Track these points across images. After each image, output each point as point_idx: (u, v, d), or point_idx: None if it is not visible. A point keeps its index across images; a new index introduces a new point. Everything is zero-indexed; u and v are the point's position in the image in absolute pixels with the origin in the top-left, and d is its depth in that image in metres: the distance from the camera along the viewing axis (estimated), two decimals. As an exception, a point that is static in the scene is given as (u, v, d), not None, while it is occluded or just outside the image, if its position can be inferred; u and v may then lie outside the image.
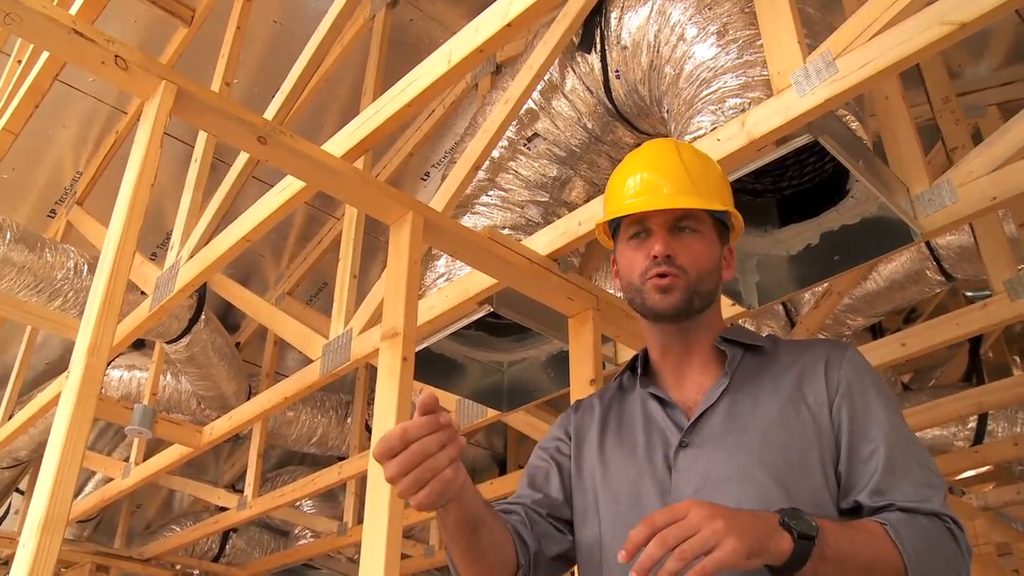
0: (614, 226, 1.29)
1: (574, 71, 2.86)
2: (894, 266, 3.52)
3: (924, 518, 1.02)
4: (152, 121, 1.90)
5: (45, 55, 2.88)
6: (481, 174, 3.07)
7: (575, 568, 1.23)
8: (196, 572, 6.51)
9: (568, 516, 1.22)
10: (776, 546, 0.92)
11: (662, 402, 1.20)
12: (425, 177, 4.78)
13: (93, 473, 5.73)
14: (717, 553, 0.87)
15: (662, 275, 1.17)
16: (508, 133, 3.02)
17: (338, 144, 2.40)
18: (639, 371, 1.27)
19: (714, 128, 2.10)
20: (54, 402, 3.72)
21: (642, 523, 0.91)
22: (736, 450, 1.09)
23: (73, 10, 2.69)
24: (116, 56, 1.86)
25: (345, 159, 2.34)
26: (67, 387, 1.66)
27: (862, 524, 1.02)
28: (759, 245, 2.46)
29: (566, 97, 2.91)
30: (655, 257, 1.17)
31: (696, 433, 1.13)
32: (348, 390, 5.51)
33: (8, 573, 1.47)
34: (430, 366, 3.09)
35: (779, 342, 1.24)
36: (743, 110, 2.09)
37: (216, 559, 6.33)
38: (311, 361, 3.21)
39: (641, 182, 1.23)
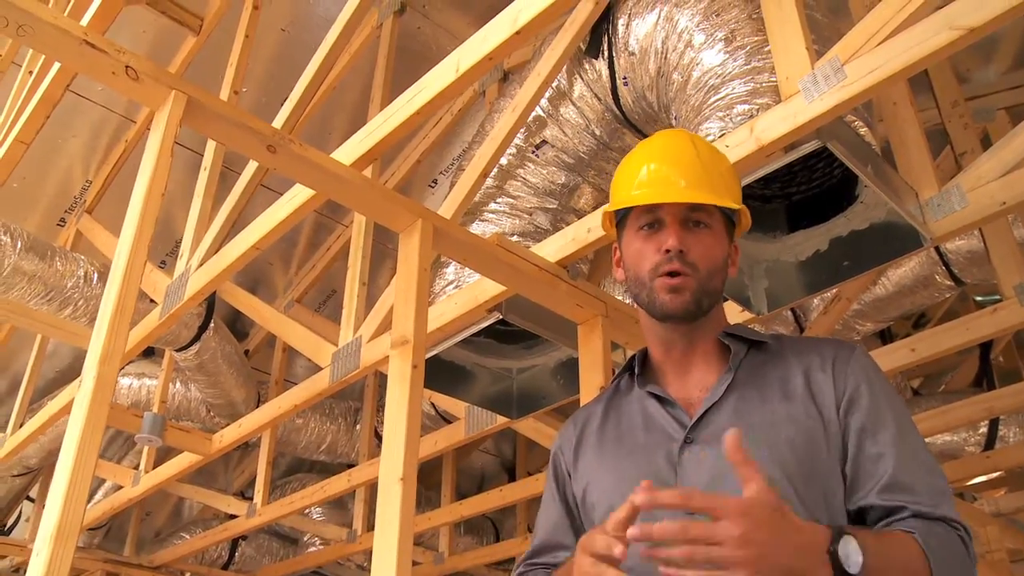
0: (621, 215, 1.26)
1: (582, 78, 2.86)
2: (903, 271, 3.50)
3: (938, 524, 1.01)
4: (163, 130, 1.91)
5: (57, 66, 2.90)
6: (489, 181, 3.07)
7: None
8: (205, 580, 6.52)
9: None
10: None
11: (662, 400, 1.18)
12: (433, 184, 4.78)
13: (103, 481, 5.74)
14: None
15: (673, 273, 1.15)
16: (516, 140, 3.02)
17: (347, 152, 2.41)
18: (637, 371, 1.25)
19: (722, 134, 2.10)
20: (64, 410, 3.73)
21: (680, 492, 0.90)
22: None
23: (84, 21, 2.71)
24: (127, 66, 1.87)
25: (354, 167, 2.34)
26: (79, 396, 1.66)
27: (897, 538, 1.00)
28: (768, 251, 2.45)
29: (574, 104, 2.91)
30: (667, 251, 1.15)
31: (702, 430, 1.11)
32: (357, 397, 5.51)
33: (21, 581, 1.47)
34: (439, 373, 3.09)
35: (783, 340, 1.22)
36: (751, 116, 2.09)
37: (226, 566, 6.33)
38: (320, 368, 3.21)
39: (656, 172, 1.21)
